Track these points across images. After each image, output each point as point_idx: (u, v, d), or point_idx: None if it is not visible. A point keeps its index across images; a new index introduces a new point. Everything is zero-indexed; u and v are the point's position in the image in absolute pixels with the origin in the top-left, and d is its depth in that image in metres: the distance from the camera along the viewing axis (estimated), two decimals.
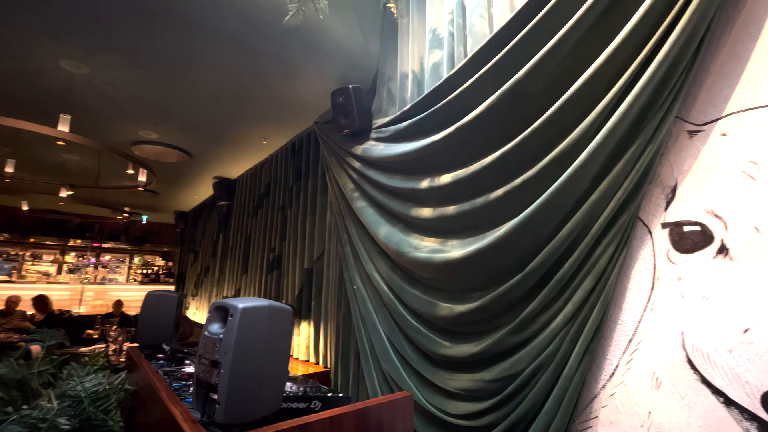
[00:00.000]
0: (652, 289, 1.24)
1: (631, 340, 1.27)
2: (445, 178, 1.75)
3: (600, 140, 1.20)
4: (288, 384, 1.24)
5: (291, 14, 1.80)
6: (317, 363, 2.90)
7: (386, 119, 2.27)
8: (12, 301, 5.82)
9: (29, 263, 7.85)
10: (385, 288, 2.11)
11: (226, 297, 5.14)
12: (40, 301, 5.97)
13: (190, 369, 1.44)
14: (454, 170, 1.72)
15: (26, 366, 1.48)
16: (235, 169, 5.01)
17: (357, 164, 2.45)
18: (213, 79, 2.83)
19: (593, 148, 1.22)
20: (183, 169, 5.01)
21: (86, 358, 1.70)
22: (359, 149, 2.42)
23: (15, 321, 5.59)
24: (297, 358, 3.14)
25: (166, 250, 9.25)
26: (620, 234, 1.27)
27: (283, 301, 3.42)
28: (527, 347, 1.41)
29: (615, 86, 1.20)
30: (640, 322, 1.25)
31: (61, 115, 2.55)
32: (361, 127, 2.44)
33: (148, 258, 9.16)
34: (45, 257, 8.04)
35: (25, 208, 5.57)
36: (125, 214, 6.53)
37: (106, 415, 1.37)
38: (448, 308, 1.69)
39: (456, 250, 1.65)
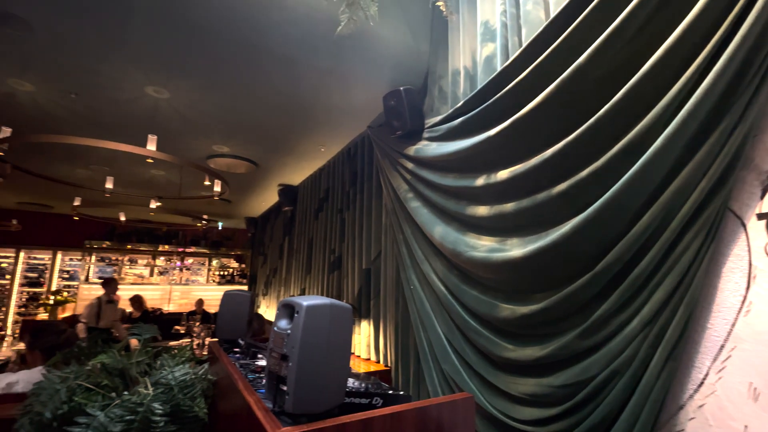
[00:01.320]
0: (748, 288, 1.09)
1: (723, 346, 1.12)
2: (502, 174, 1.70)
3: (678, 124, 1.09)
4: (350, 380, 1.29)
5: (343, 24, 1.87)
6: (378, 361, 2.96)
7: (438, 118, 2.25)
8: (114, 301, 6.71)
9: (127, 267, 9.00)
10: (443, 288, 2.09)
11: (293, 296, 5.44)
12: (137, 300, 6.82)
13: (263, 362, 1.56)
14: (512, 165, 1.66)
15: (126, 357, 1.71)
16: (297, 175, 5.30)
17: (410, 165, 2.46)
18: (274, 94, 3.03)
19: (670, 133, 1.10)
20: (251, 179, 5.41)
21: (175, 351, 1.90)
22: (412, 150, 2.43)
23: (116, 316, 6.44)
24: (359, 356, 3.23)
25: (239, 253, 10.04)
26: (707, 227, 1.13)
27: (344, 301, 3.54)
28: (599, 352, 1.31)
29: (694, 63, 1.08)
30: (733, 325, 1.11)
31: (149, 135, 2.89)
32: (413, 127, 2.45)
33: (224, 261, 10.01)
34: (139, 261, 9.15)
35: (122, 218, 6.40)
36: (204, 222, 7.22)
37: (192, 401, 1.53)
38: (509, 309, 1.64)
39: (516, 248, 1.59)
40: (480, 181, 1.83)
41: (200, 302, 7.37)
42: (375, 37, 2.32)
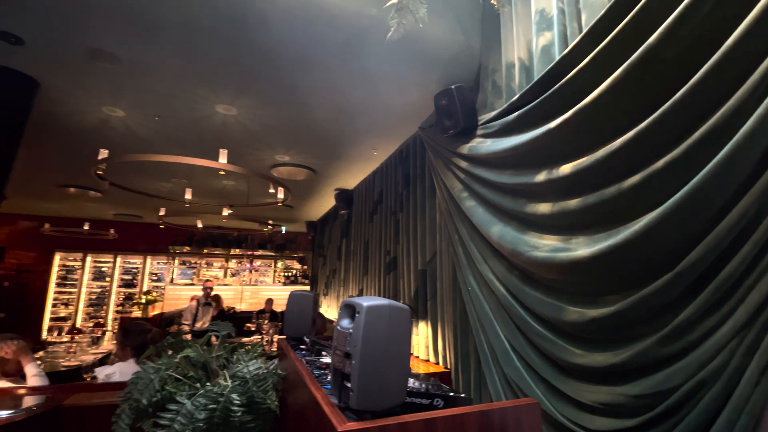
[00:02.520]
0: None
1: None
2: (565, 169, 1.61)
3: None
4: (410, 380, 1.31)
5: (393, 30, 1.90)
6: (437, 363, 2.95)
7: (493, 113, 2.19)
8: (195, 300, 7.42)
9: (204, 269, 9.89)
10: (503, 290, 2.03)
11: (351, 296, 5.61)
12: (216, 300, 7.46)
13: (327, 359, 1.63)
14: (575, 159, 1.57)
15: (208, 351, 1.89)
16: (352, 179, 5.45)
17: (464, 164, 2.42)
18: (328, 103, 3.15)
19: (763, 113, 0.97)
20: (310, 185, 5.68)
21: (248, 347, 2.06)
22: (465, 148, 2.39)
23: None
24: (417, 357, 3.23)
25: (301, 255, 10.57)
26: None
27: (401, 301, 3.57)
28: (683, 360, 1.19)
29: None
30: None
31: (220, 150, 3.17)
32: (466, 125, 2.40)
33: (288, 262, 10.59)
34: (215, 264, 10.02)
35: (199, 225, 7.07)
36: (269, 226, 7.71)
37: (265, 394, 1.64)
38: (577, 312, 1.54)
39: (583, 248, 1.49)
40: (540, 177, 1.75)
41: (270, 301, 7.86)
42: (424, 38, 2.32)
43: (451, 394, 1.13)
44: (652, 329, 1.28)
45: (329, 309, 6.99)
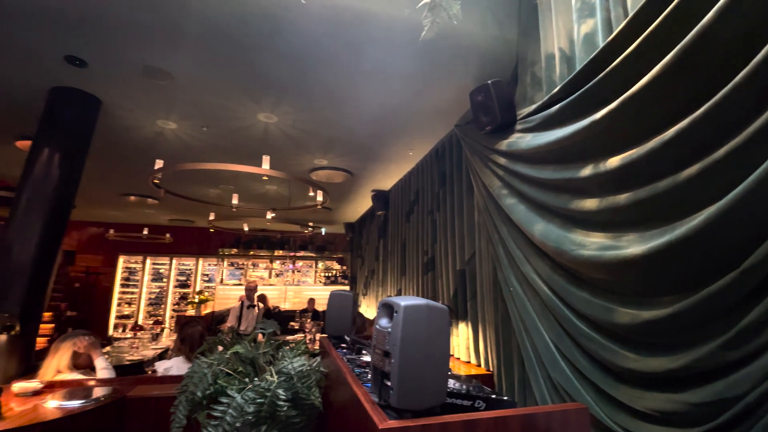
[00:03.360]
0: None
1: None
2: (612, 162, 1.52)
3: None
4: (451, 381, 1.29)
5: (426, 29, 1.89)
6: (479, 365, 2.89)
7: (532, 107, 2.12)
8: (242, 300, 7.80)
9: (251, 270, 10.37)
10: (547, 290, 1.95)
11: (390, 296, 5.64)
12: (262, 299, 7.80)
13: (367, 358, 1.66)
14: (623, 151, 1.48)
15: (255, 348, 1.98)
16: (388, 180, 5.48)
17: (502, 160, 2.36)
18: (364, 107, 3.20)
19: None
20: (348, 187, 5.78)
21: (292, 345, 2.14)
22: (504, 144, 2.33)
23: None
24: (458, 358, 3.19)
25: (340, 256, 10.79)
26: None
27: (439, 301, 3.54)
28: (751, 366, 1.08)
29: None
30: None
31: (263, 156, 3.32)
32: (504, 121, 2.34)
33: (328, 263, 10.85)
34: (260, 265, 10.47)
35: (245, 229, 7.43)
36: (309, 228, 7.94)
37: (308, 390, 1.70)
38: (629, 314, 1.45)
39: (635, 245, 1.40)
40: (586, 171, 1.67)
41: (311, 301, 8.09)
42: (458, 34, 2.29)
43: (494, 396, 1.11)
44: (713, 333, 1.18)
45: (368, 309, 7.07)
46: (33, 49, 2.49)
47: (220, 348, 1.95)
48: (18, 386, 2.27)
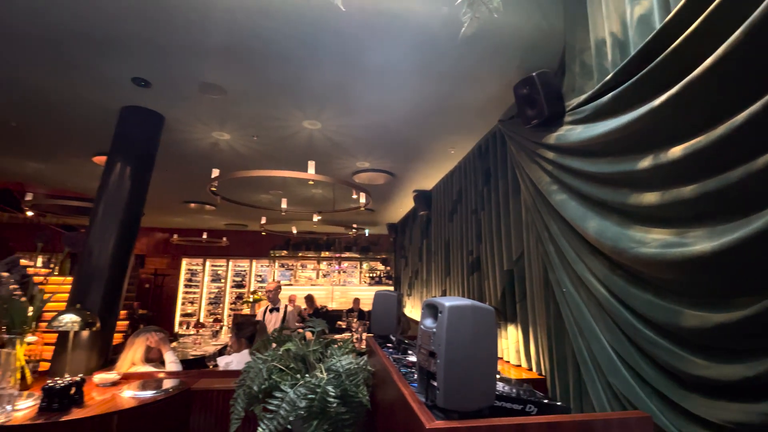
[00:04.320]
0: None
1: None
2: (675, 152, 1.40)
3: None
4: (500, 384, 1.26)
5: (466, 26, 1.86)
6: (530, 368, 2.77)
7: (582, 97, 2.01)
8: (291, 299, 8.15)
9: (299, 271, 10.77)
10: (604, 291, 1.84)
11: (434, 297, 5.60)
12: (309, 299, 8.08)
13: (413, 358, 1.66)
14: (687, 140, 1.35)
15: (305, 345, 2.06)
16: (430, 180, 5.45)
17: (551, 155, 2.26)
18: (404, 108, 3.21)
19: None
20: (389, 188, 5.82)
21: (340, 343, 2.20)
22: (552, 138, 2.22)
23: (294, 313, 7.78)
24: (507, 361, 3.09)
25: (384, 256, 10.89)
26: None
27: (486, 303, 3.45)
28: None
29: None
30: None
31: (309, 161, 3.44)
32: (551, 113, 2.24)
33: (372, 264, 10.99)
34: (308, 266, 10.85)
35: (294, 231, 7.75)
36: (354, 230, 8.10)
37: (356, 388, 1.73)
38: (698, 317, 1.33)
39: (703, 242, 1.28)
40: (645, 162, 1.55)
41: (357, 301, 8.25)
42: (500, 27, 2.23)
43: (546, 401, 1.07)
44: None
45: (413, 309, 7.06)
46: (105, 73, 2.78)
47: (274, 345, 2.05)
48: (98, 377, 2.54)
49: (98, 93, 3.06)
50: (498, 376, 1.45)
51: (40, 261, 7.55)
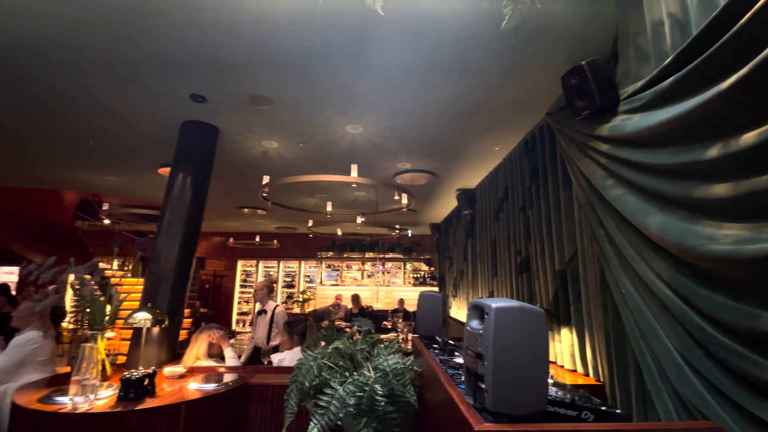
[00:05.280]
0: None
1: None
2: (748, 139, 1.26)
3: None
4: (553, 389, 1.22)
5: (507, 18, 1.81)
6: (586, 374, 2.62)
7: (639, 84, 1.87)
8: (338, 299, 8.36)
9: (345, 271, 11.02)
10: (669, 292, 1.69)
11: (481, 298, 5.47)
12: (355, 299, 8.24)
13: (460, 360, 1.64)
14: (762, 124, 1.22)
15: (353, 344, 2.11)
16: (473, 178, 5.33)
17: (604, 147, 2.12)
18: (446, 107, 3.18)
19: None
20: (432, 188, 5.78)
21: (386, 343, 2.23)
22: (605, 129, 2.09)
23: (341, 314, 7.97)
24: (562, 366, 2.94)
25: (427, 257, 10.82)
26: None
27: (537, 305, 3.32)
28: None
29: None
30: None
31: (351, 165, 3.52)
32: (604, 103, 2.11)
33: (416, 264, 10.97)
34: (353, 267, 11.06)
35: (339, 233, 7.95)
36: (396, 231, 8.14)
37: (404, 388, 1.75)
38: None
39: None
40: (713, 151, 1.41)
41: (401, 301, 8.29)
42: (543, 17, 2.14)
43: (604, 408, 1.01)
44: None
45: (459, 310, 6.94)
46: (167, 92, 3.04)
47: (322, 343, 2.13)
48: (167, 370, 2.78)
49: (161, 110, 3.35)
50: (551, 381, 1.39)
51: (115, 264, 8.39)
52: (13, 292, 7.06)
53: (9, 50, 2.52)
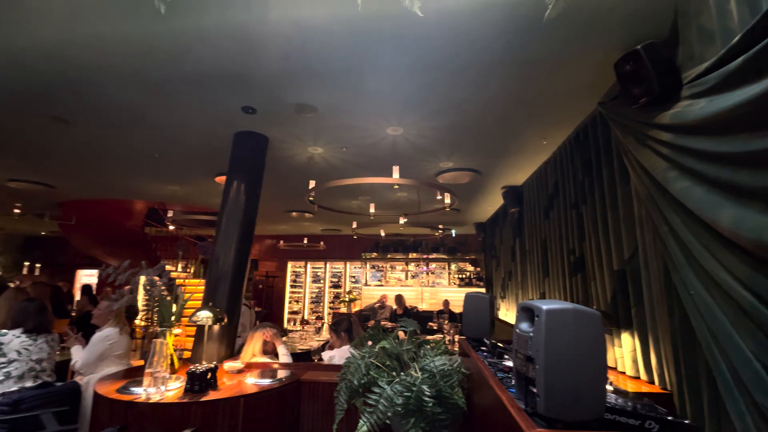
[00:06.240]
0: None
1: None
2: None
3: None
4: (612, 395, 1.15)
5: (551, 7, 1.75)
6: (651, 382, 2.43)
7: (703, 66, 1.71)
8: (382, 299, 8.43)
9: (389, 272, 11.09)
10: (745, 294, 1.53)
11: (531, 299, 5.25)
12: (399, 299, 8.27)
13: (509, 363, 1.60)
14: None
15: (399, 344, 2.12)
16: (520, 175, 5.14)
17: (666, 136, 1.96)
18: (490, 103, 3.10)
19: None
20: (475, 186, 5.66)
21: (432, 344, 2.22)
22: (666, 116, 1.94)
23: (386, 314, 8.03)
24: (623, 372, 2.75)
25: (473, 257, 10.58)
26: None
27: (594, 307, 3.13)
28: None
29: None
30: None
31: (393, 166, 3.55)
32: (664, 88, 1.95)
33: (461, 265, 10.77)
34: (397, 267, 11.11)
35: (382, 234, 8.02)
36: (440, 231, 8.06)
37: (451, 390, 1.74)
38: None
39: None
40: None
41: (446, 303, 8.18)
42: (591, 1, 2.02)
43: (670, 418, 0.94)
44: None
45: (508, 313, 6.71)
46: (220, 105, 3.26)
47: (369, 342, 2.17)
48: (227, 365, 2.97)
49: (217, 123, 3.60)
50: (611, 388, 1.32)
51: (180, 266, 9.10)
52: (94, 293, 7.91)
53: (90, 76, 2.84)
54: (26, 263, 10.97)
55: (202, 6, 2.20)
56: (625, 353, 2.74)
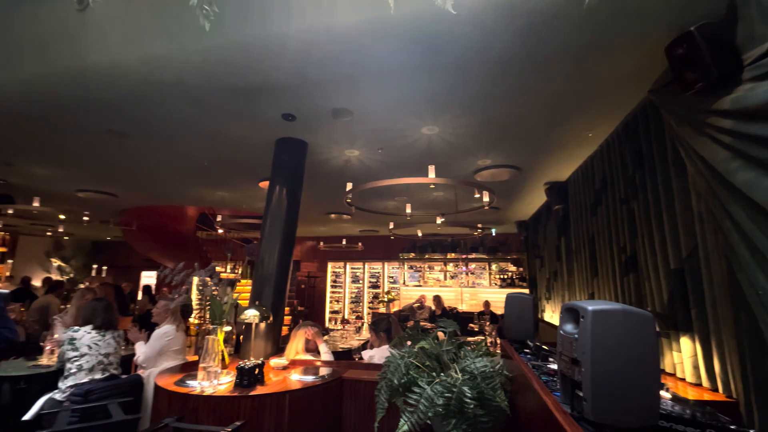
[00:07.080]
0: None
1: None
2: None
3: None
4: (669, 403, 1.09)
5: None
6: (714, 389, 2.24)
7: (766, 45, 1.56)
8: (421, 300, 8.40)
9: (427, 272, 11.02)
10: None
11: (578, 300, 5.00)
12: (437, 300, 8.20)
13: (554, 366, 1.55)
14: None
15: (438, 345, 2.11)
16: (564, 170, 4.92)
17: (727, 123, 1.80)
18: (529, 96, 3.00)
19: None
20: (516, 183, 5.49)
21: (473, 345, 2.19)
22: (727, 102, 1.78)
23: (426, 314, 7.98)
24: (682, 379, 2.55)
25: (515, 257, 10.25)
26: None
27: (648, 308, 2.94)
28: None
29: None
30: None
31: (429, 166, 3.54)
32: (722, 72, 1.80)
33: (502, 265, 10.48)
34: (435, 268, 11.01)
35: (419, 234, 8.00)
36: (479, 230, 7.89)
37: (494, 392, 1.70)
38: None
39: None
40: None
41: (487, 303, 8.01)
42: None
43: (734, 427, 0.87)
44: None
45: (554, 314, 6.44)
46: (263, 115, 3.41)
47: (408, 342, 2.18)
48: (273, 362, 3.10)
49: (260, 131, 3.77)
50: (669, 395, 1.24)
51: (228, 268, 9.61)
52: (153, 293, 8.56)
53: (145, 92, 3.09)
54: (94, 266, 12.08)
55: (242, 21, 2.32)
56: (684, 358, 2.54)
